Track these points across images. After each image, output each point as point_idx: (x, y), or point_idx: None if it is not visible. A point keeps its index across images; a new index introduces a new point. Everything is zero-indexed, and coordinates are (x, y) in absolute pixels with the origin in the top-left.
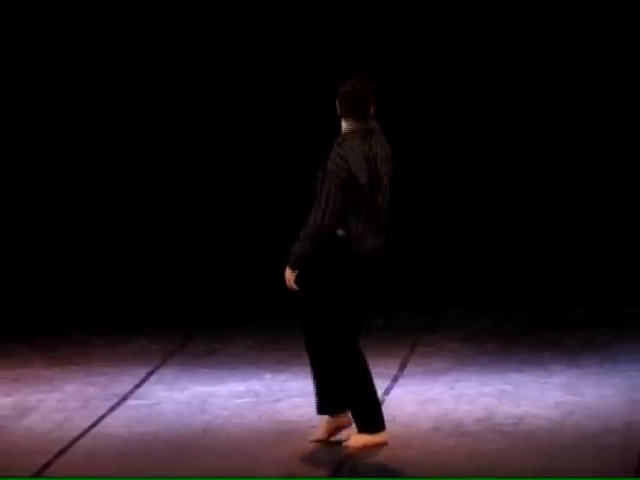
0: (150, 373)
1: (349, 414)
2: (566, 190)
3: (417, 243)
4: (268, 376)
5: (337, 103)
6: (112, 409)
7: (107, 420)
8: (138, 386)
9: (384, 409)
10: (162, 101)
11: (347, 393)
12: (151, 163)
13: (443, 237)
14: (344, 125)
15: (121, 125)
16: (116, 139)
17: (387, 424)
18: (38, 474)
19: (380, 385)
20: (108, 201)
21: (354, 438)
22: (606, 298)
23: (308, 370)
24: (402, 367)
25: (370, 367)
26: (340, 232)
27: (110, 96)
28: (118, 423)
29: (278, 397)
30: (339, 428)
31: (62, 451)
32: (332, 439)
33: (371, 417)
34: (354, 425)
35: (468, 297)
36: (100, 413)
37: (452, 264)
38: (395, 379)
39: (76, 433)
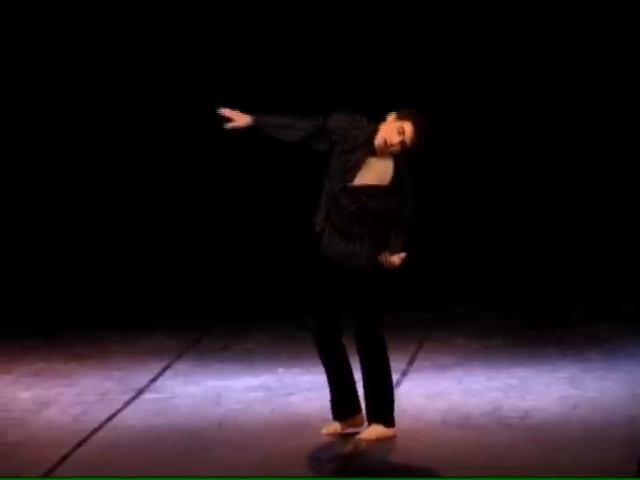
0: (166, 368)
1: (362, 415)
2: (566, 193)
3: (423, 241)
4: (281, 370)
5: (412, 144)
6: (129, 402)
7: (124, 413)
8: (154, 380)
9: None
10: (163, 102)
11: (381, 385)
12: (162, 159)
13: (449, 236)
14: None
15: (131, 124)
16: (128, 134)
17: (396, 417)
18: (57, 465)
19: None
20: (126, 198)
21: (367, 431)
22: (602, 296)
23: (320, 365)
24: (411, 362)
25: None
26: None
27: (110, 96)
28: (135, 416)
29: (290, 391)
30: (353, 428)
31: (81, 443)
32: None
33: (392, 412)
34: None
35: (473, 295)
36: (117, 406)
37: (458, 263)
38: (404, 373)
39: (94, 426)
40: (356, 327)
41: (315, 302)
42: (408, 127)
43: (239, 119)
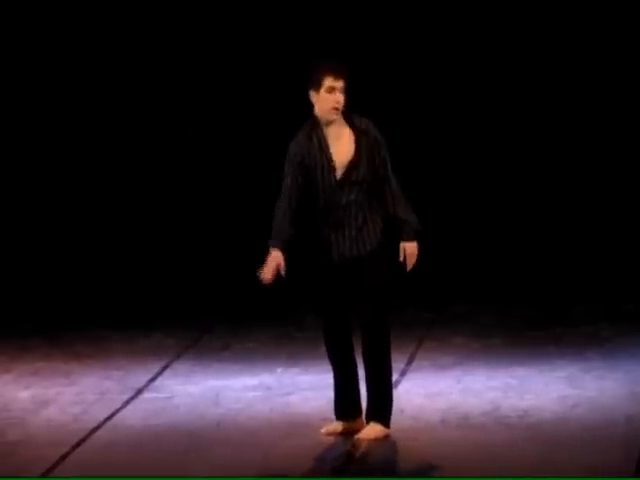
0: (165, 367)
1: (363, 420)
2: (566, 193)
3: (424, 240)
4: (280, 370)
5: (345, 83)
6: (128, 402)
7: (123, 413)
8: (153, 380)
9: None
10: (161, 102)
11: (383, 382)
12: (162, 158)
13: (449, 235)
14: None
15: (130, 124)
16: (128, 134)
17: (396, 417)
18: (56, 465)
19: None
20: (126, 197)
21: (365, 430)
22: (603, 296)
23: (319, 364)
24: (410, 361)
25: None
26: None
27: (110, 96)
28: (134, 415)
29: (290, 390)
30: (353, 432)
31: (80, 442)
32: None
33: (391, 412)
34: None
35: (473, 294)
36: (116, 406)
37: (458, 261)
38: (403, 373)
39: (93, 425)
40: (363, 322)
41: (325, 304)
42: (331, 82)
43: (277, 263)
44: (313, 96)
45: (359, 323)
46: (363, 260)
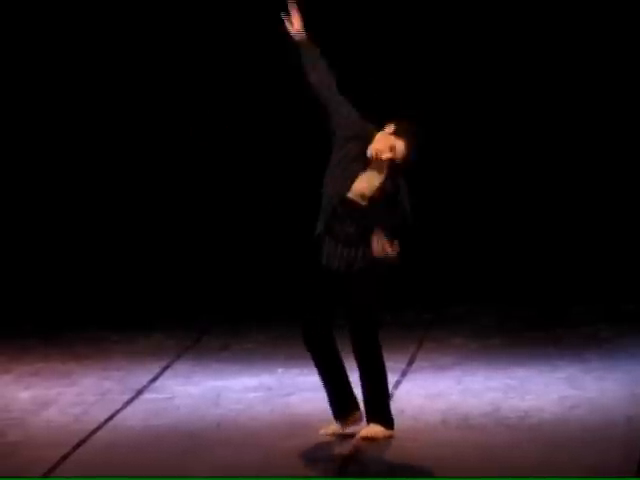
0: (165, 367)
1: (360, 411)
2: (565, 193)
3: (422, 241)
4: (281, 370)
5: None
6: (128, 403)
7: (123, 413)
8: (154, 380)
9: (393, 403)
10: (162, 102)
11: (377, 385)
12: (162, 159)
13: (448, 235)
14: None
15: (130, 124)
16: (127, 134)
17: (396, 417)
18: (57, 465)
19: (389, 379)
20: (125, 198)
21: (366, 430)
22: (602, 296)
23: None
24: (410, 362)
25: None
26: None
27: (110, 96)
28: (134, 416)
29: (290, 391)
30: (352, 425)
31: (80, 443)
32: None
33: (390, 412)
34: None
35: (473, 294)
36: (117, 407)
37: (457, 262)
38: (403, 374)
39: (93, 426)
40: (352, 328)
41: (306, 303)
42: (400, 146)
43: (295, 22)
44: (387, 127)
45: (348, 326)
46: (352, 275)
